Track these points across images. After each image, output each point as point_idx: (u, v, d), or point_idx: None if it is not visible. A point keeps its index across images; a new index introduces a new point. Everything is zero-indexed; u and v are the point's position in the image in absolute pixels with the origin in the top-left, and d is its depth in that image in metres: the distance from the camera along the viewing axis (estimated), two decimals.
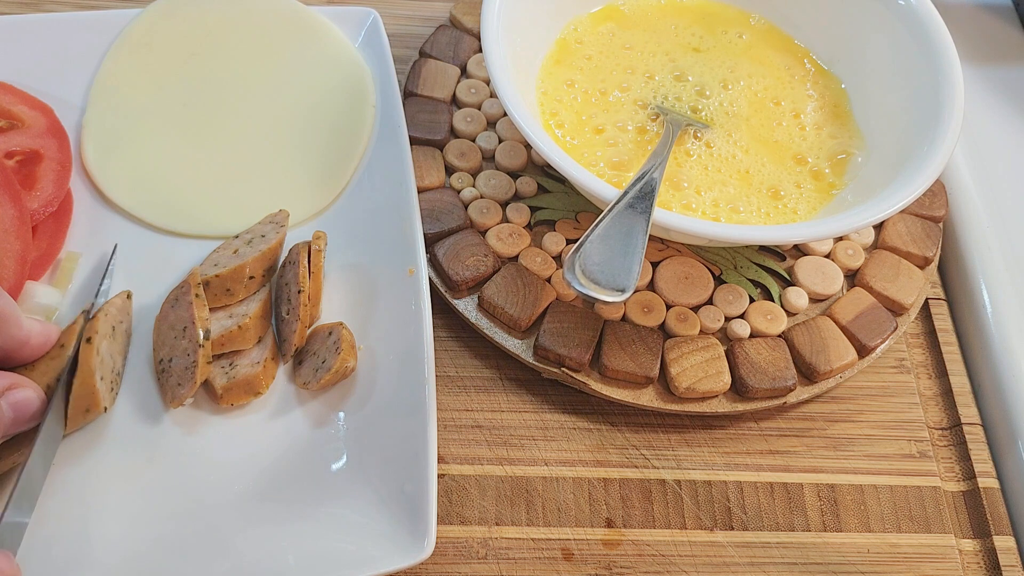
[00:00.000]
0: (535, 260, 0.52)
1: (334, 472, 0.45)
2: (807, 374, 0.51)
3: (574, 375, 0.49)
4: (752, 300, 0.53)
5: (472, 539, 0.46)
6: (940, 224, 0.57)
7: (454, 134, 0.57)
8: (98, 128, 0.54)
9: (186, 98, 0.55)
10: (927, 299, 0.57)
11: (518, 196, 0.55)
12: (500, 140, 0.57)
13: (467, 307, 0.51)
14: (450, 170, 0.56)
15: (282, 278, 0.49)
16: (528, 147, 0.57)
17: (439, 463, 0.48)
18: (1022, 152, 0.64)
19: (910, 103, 0.52)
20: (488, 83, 0.59)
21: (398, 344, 0.47)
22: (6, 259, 0.46)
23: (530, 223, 0.54)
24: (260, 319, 0.47)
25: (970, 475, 0.51)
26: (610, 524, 0.47)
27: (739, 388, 0.50)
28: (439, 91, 0.58)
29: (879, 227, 0.57)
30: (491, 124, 0.58)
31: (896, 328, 0.53)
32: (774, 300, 0.53)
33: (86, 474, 0.44)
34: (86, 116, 0.54)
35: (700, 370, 0.49)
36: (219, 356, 0.46)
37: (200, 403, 0.46)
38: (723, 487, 0.49)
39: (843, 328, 0.52)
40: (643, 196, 0.45)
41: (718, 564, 0.47)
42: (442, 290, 0.51)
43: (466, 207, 0.54)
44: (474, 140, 0.57)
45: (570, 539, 0.47)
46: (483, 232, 0.53)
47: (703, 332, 0.51)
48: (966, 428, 0.53)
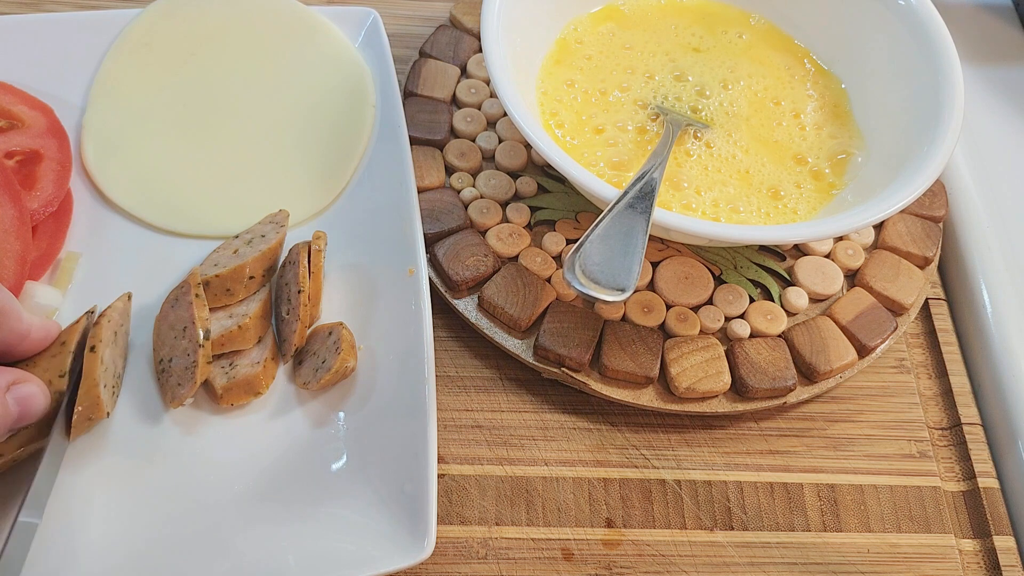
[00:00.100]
0: (535, 260, 0.52)
1: (334, 472, 0.45)
2: (807, 374, 0.51)
3: (574, 375, 0.49)
4: (752, 300, 0.53)
5: (472, 539, 0.46)
6: (940, 224, 0.57)
7: (454, 134, 0.57)
8: (98, 128, 0.54)
9: (186, 98, 0.55)
10: (927, 299, 0.57)
11: (518, 196, 0.55)
12: (500, 140, 0.57)
13: (467, 307, 0.51)
14: (450, 170, 0.56)
15: (282, 278, 0.49)
16: (528, 147, 0.57)
17: (439, 463, 0.48)
18: (1022, 152, 0.64)
19: (910, 103, 0.52)
20: (488, 83, 0.59)
21: (398, 344, 0.47)
22: (6, 259, 0.46)
23: (530, 223, 0.54)
24: (260, 319, 0.47)
25: (970, 475, 0.51)
26: (610, 524, 0.47)
27: (739, 388, 0.50)
28: (439, 91, 0.58)
29: (879, 227, 0.57)
30: (491, 124, 0.58)
31: (896, 328, 0.53)
32: (774, 300, 0.53)
33: (86, 474, 0.44)
34: (86, 116, 0.54)
35: (700, 370, 0.49)
36: (219, 356, 0.46)
37: (200, 403, 0.46)
38: (723, 487, 0.49)
39: (843, 328, 0.52)
40: (643, 196, 0.45)
41: (718, 564, 0.47)
42: (442, 290, 0.51)
43: (466, 207, 0.54)
44: (474, 140, 0.57)
45: (570, 539, 0.47)
46: (483, 232, 0.53)
47: (703, 332, 0.51)
48: (966, 428, 0.53)
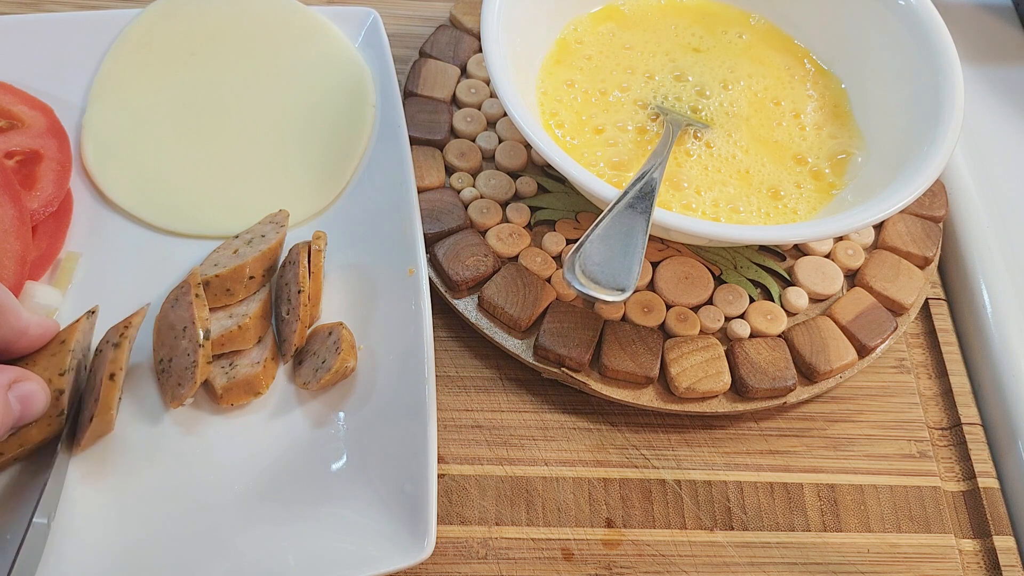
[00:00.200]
0: (535, 260, 0.52)
1: (334, 472, 0.45)
2: (807, 374, 0.51)
3: (574, 375, 0.49)
4: (752, 300, 0.53)
5: (472, 539, 0.46)
6: (940, 224, 0.57)
7: (454, 134, 0.57)
8: (98, 128, 0.54)
9: (186, 98, 0.55)
10: (927, 299, 0.57)
11: (518, 196, 0.55)
12: (500, 140, 0.57)
13: (467, 307, 0.51)
14: (450, 170, 0.56)
15: (282, 278, 0.49)
16: (528, 147, 0.57)
17: (439, 463, 0.48)
18: (1022, 152, 0.64)
19: (910, 103, 0.52)
20: (488, 83, 0.59)
21: (398, 344, 0.47)
22: (6, 259, 0.46)
23: (530, 223, 0.54)
24: (260, 319, 0.47)
25: (970, 475, 0.51)
26: (610, 524, 0.47)
27: (739, 388, 0.50)
28: (439, 91, 0.58)
29: (879, 227, 0.57)
30: (491, 124, 0.58)
31: (896, 328, 0.53)
32: (774, 300, 0.53)
33: (86, 474, 0.44)
34: (86, 116, 0.54)
35: (700, 370, 0.49)
36: (219, 356, 0.46)
37: (200, 403, 0.46)
38: (723, 487, 0.49)
39: (843, 328, 0.52)
40: (643, 196, 0.45)
41: (718, 564, 0.47)
42: (442, 290, 0.51)
43: (466, 207, 0.54)
44: (474, 140, 0.57)
45: (570, 539, 0.47)
46: (483, 232, 0.53)
47: (703, 332, 0.51)
48: (966, 428, 0.53)
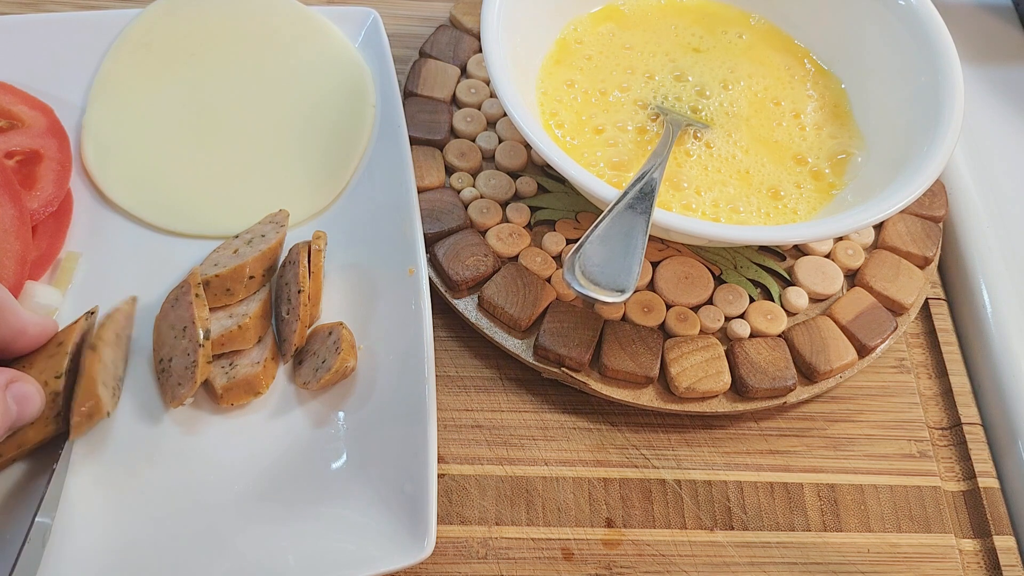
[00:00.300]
0: (535, 260, 0.52)
1: (334, 472, 0.45)
2: (807, 374, 0.51)
3: (574, 375, 0.49)
4: (752, 300, 0.53)
5: (472, 539, 0.46)
6: (940, 224, 0.57)
7: (454, 134, 0.57)
8: (98, 128, 0.54)
9: (186, 98, 0.55)
10: (927, 299, 0.57)
11: (518, 196, 0.55)
12: (500, 140, 0.57)
13: (467, 307, 0.51)
14: (450, 170, 0.56)
15: (282, 278, 0.49)
16: (528, 147, 0.57)
17: (439, 463, 0.48)
18: (1022, 152, 0.64)
19: (910, 103, 0.52)
20: (488, 83, 0.59)
21: (398, 344, 0.47)
22: (6, 259, 0.46)
23: (530, 223, 0.54)
24: (260, 319, 0.47)
25: (970, 475, 0.51)
26: (610, 524, 0.47)
27: (739, 388, 0.50)
28: (439, 91, 0.58)
29: (879, 227, 0.57)
30: (491, 124, 0.58)
31: (896, 328, 0.53)
32: (774, 300, 0.53)
33: (86, 474, 0.44)
34: (86, 116, 0.54)
35: (700, 370, 0.49)
36: (219, 356, 0.46)
37: (200, 403, 0.46)
38: (723, 487, 0.49)
39: (843, 328, 0.52)
40: (643, 196, 0.45)
41: (718, 564, 0.47)
42: (442, 290, 0.51)
43: (466, 207, 0.54)
44: (474, 140, 0.57)
45: (570, 539, 0.47)
46: (483, 232, 0.53)
47: (703, 332, 0.51)
48: (966, 428, 0.53)
